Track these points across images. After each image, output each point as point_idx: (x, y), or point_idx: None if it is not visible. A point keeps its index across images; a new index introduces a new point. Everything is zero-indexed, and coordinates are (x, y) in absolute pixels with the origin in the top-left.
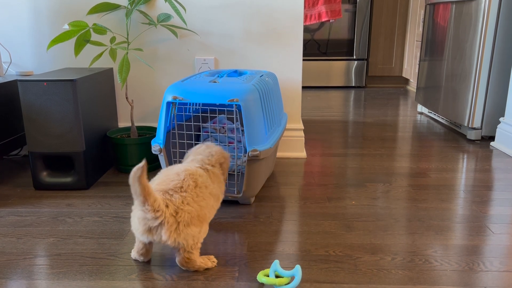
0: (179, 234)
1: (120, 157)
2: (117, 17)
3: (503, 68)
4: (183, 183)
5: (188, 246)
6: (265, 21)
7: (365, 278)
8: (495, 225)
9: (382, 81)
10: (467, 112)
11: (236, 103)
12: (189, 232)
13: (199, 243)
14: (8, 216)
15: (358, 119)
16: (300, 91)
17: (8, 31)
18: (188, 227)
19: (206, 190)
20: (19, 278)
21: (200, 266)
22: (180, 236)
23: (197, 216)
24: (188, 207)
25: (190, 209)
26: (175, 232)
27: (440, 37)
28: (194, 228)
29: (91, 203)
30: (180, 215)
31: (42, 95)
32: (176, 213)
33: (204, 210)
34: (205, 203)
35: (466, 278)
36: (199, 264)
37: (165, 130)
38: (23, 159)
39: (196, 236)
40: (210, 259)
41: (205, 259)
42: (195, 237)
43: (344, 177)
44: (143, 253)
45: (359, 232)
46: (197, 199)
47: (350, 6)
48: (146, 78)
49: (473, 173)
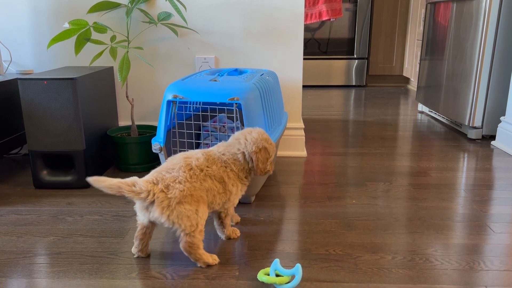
0: (172, 211)
1: (120, 155)
2: (117, 16)
3: (504, 67)
4: (175, 165)
5: (187, 228)
6: (265, 20)
7: (366, 277)
8: (495, 224)
9: (383, 80)
10: (468, 111)
11: (236, 101)
12: (182, 210)
13: (200, 225)
14: (8, 215)
15: (358, 118)
16: (301, 90)
17: (8, 30)
18: (180, 204)
19: (201, 172)
20: (19, 276)
21: (202, 256)
22: (173, 213)
23: (190, 195)
24: (180, 185)
25: (181, 186)
26: (168, 209)
27: (441, 36)
28: (188, 206)
29: (91, 201)
30: (171, 191)
31: (43, 94)
32: (166, 189)
33: (198, 191)
34: (199, 184)
35: (467, 277)
36: (201, 253)
37: (165, 129)
38: (24, 158)
39: (192, 217)
40: (212, 256)
41: (208, 254)
42: (191, 217)
43: (345, 176)
44: (139, 235)
45: (360, 231)
46: (190, 180)
47: (350, 5)
48: (146, 76)
49: (473, 172)
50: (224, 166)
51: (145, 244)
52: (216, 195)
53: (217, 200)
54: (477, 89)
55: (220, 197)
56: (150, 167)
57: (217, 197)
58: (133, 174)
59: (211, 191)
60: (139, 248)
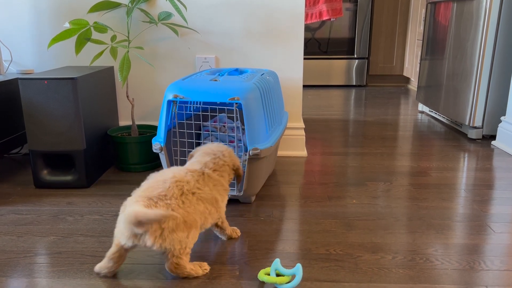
0: (164, 240)
1: (120, 155)
2: (118, 16)
3: (504, 67)
4: (168, 191)
5: (176, 251)
6: (266, 20)
7: (366, 277)
8: (496, 224)
9: (383, 80)
10: (468, 111)
11: (237, 101)
12: (175, 238)
13: (188, 248)
14: (8, 214)
15: (358, 118)
16: (301, 90)
17: (8, 30)
18: (173, 232)
19: (193, 196)
20: (19, 276)
21: (189, 273)
22: (166, 241)
23: (183, 222)
24: (173, 214)
25: (175, 215)
26: (160, 238)
27: (441, 36)
28: (181, 233)
29: (92, 201)
30: (165, 222)
31: (43, 94)
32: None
33: (191, 215)
34: (192, 209)
35: (467, 277)
36: (188, 271)
37: (165, 129)
38: (24, 158)
39: (183, 241)
40: (201, 266)
41: (196, 266)
42: (182, 241)
43: (345, 176)
44: (115, 258)
45: (360, 231)
46: (183, 206)
47: (351, 5)
48: (146, 76)
49: (474, 172)
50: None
51: (118, 266)
52: (207, 217)
53: (209, 220)
54: (477, 89)
55: (211, 217)
56: (150, 167)
57: (208, 218)
58: (133, 173)
59: (203, 214)
60: (110, 269)
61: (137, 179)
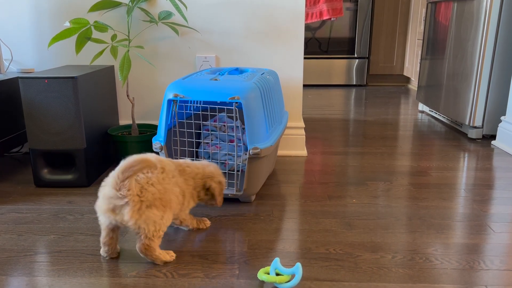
0: (140, 215)
1: (121, 154)
2: (118, 15)
3: (505, 67)
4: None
5: (150, 232)
6: (266, 19)
7: (366, 276)
8: (496, 224)
9: (383, 79)
10: (468, 111)
11: (237, 100)
12: (151, 215)
13: (161, 232)
14: (9, 213)
15: (359, 118)
16: (301, 89)
17: (9, 29)
18: (149, 208)
19: (173, 179)
20: (19, 275)
21: (158, 256)
22: (141, 217)
23: (159, 199)
24: (152, 188)
25: (153, 190)
26: (137, 213)
27: (442, 35)
28: (156, 211)
29: (92, 200)
30: (144, 195)
31: (43, 93)
32: (140, 192)
33: (168, 194)
34: (170, 187)
35: (467, 277)
36: (157, 254)
37: (166, 128)
38: (24, 156)
39: (157, 222)
40: (169, 253)
41: (164, 252)
42: (157, 222)
43: (345, 175)
44: (107, 241)
45: (360, 230)
46: (162, 182)
47: (351, 5)
48: (147, 75)
49: (474, 171)
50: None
51: (114, 247)
52: (178, 204)
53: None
54: (477, 89)
55: (178, 207)
56: None
57: (177, 206)
58: None
59: (177, 198)
60: (108, 253)
61: None
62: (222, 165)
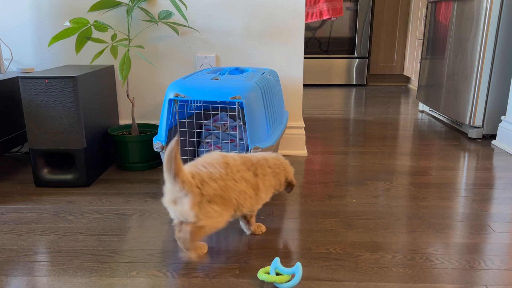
0: (200, 209)
1: (121, 154)
2: (118, 14)
3: (505, 67)
4: (213, 160)
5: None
6: (266, 19)
7: (366, 276)
8: (496, 224)
9: (384, 79)
10: (469, 111)
11: (238, 100)
12: (210, 210)
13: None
14: (9, 213)
15: (359, 117)
16: (301, 89)
17: (9, 28)
18: (210, 204)
19: (238, 173)
20: (19, 274)
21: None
22: (201, 211)
23: (220, 196)
24: (214, 183)
25: (215, 185)
26: (198, 206)
27: (442, 35)
28: (216, 207)
29: (92, 200)
30: (205, 188)
31: (43, 92)
32: (201, 185)
33: (229, 192)
34: (233, 183)
35: (467, 276)
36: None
37: (167, 127)
38: (24, 156)
39: (215, 220)
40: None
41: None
42: (214, 219)
43: (345, 175)
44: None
45: (360, 230)
46: (225, 177)
47: (351, 4)
48: (147, 75)
49: (474, 171)
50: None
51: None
52: (247, 198)
53: (247, 204)
54: (477, 88)
55: (250, 202)
56: (150, 166)
57: (247, 201)
58: (133, 172)
59: (243, 194)
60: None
61: (137, 178)
62: None
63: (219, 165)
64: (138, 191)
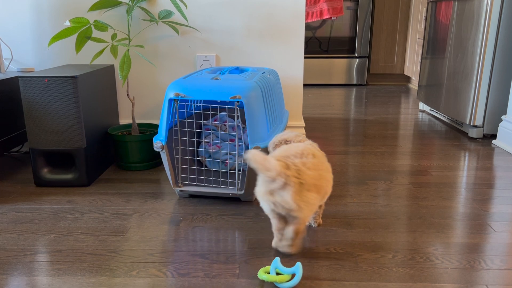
0: (302, 198)
1: (121, 154)
2: (118, 14)
3: (505, 66)
4: (303, 151)
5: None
6: (266, 18)
7: (366, 276)
8: (496, 223)
9: (384, 79)
10: (469, 110)
11: (238, 100)
12: (310, 197)
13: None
14: (9, 213)
15: (359, 117)
16: (302, 89)
17: (9, 28)
18: (309, 192)
19: (323, 165)
20: (19, 274)
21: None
22: (302, 199)
23: (315, 184)
24: (309, 172)
25: (311, 174)
26: (299, 195)
27: (442, 35)
28: (314, 194)
29: (92, 199)
30: (303, 178)
31: (43, 92)
32: (298, 174)
33: (322, 180)
34: (323, 172)
35: (467, 276)
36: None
37: (167, 127)
38: (24, 156)
39: (314, 205)
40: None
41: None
42: (314, 205)
43: (345, 174)
44: (281, 228)
45: (360, 229)
46: (316, 168)
47: (351, 4)
48: (147, 75)
49: (474, 171)
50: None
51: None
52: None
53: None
54: (478, 88)
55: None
56: (151, 166)
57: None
58: (133, 172)
59: (329, 183)
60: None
61: (137, 178)
62: (223, 165)
63: (310, 156)
64: (138, 191)
